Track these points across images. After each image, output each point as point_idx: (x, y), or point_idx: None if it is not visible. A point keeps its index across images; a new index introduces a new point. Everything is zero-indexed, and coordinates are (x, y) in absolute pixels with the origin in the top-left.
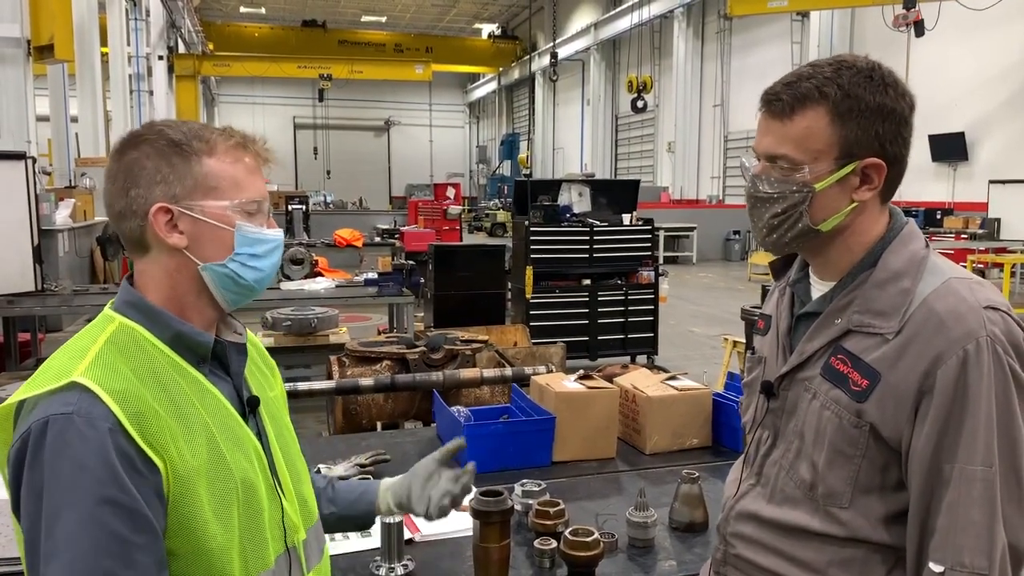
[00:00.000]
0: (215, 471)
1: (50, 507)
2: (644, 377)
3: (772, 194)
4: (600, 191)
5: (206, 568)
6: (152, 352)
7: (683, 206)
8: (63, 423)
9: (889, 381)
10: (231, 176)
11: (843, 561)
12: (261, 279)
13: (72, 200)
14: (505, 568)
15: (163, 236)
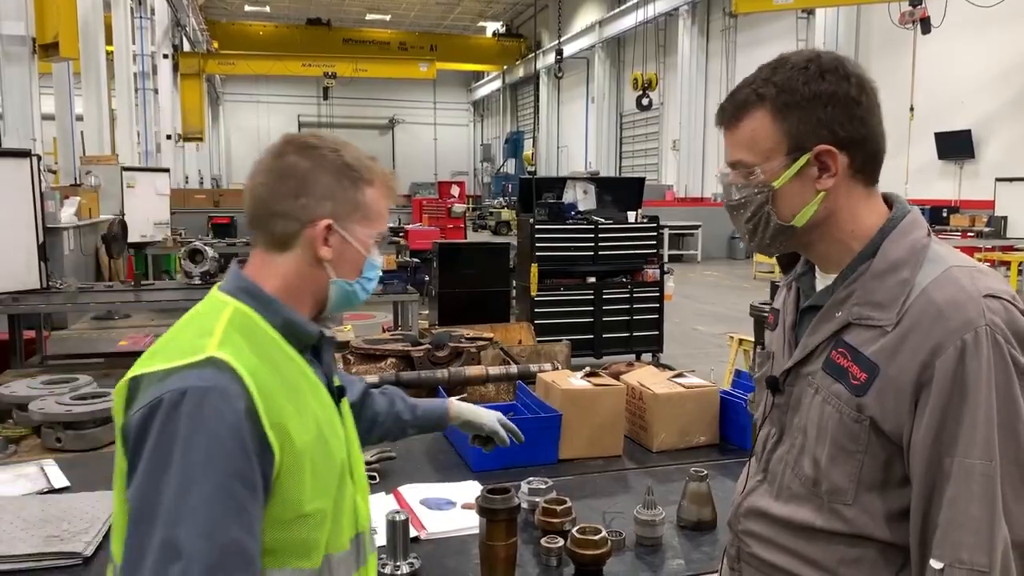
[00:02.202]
0: (319, 451)
1: (183, 475)
2: (651, 375)
3: (740, 200)
4: (605, 189)
5: (299, 541)
6: (264, 337)
7: (688, 204)
8: (200, 396)
9: (888, 374)
10: (380, 208)
11: (853, 560)
12: (365, 298)
13: (77, 198)
14: (512, 566)
15: (317, 247)
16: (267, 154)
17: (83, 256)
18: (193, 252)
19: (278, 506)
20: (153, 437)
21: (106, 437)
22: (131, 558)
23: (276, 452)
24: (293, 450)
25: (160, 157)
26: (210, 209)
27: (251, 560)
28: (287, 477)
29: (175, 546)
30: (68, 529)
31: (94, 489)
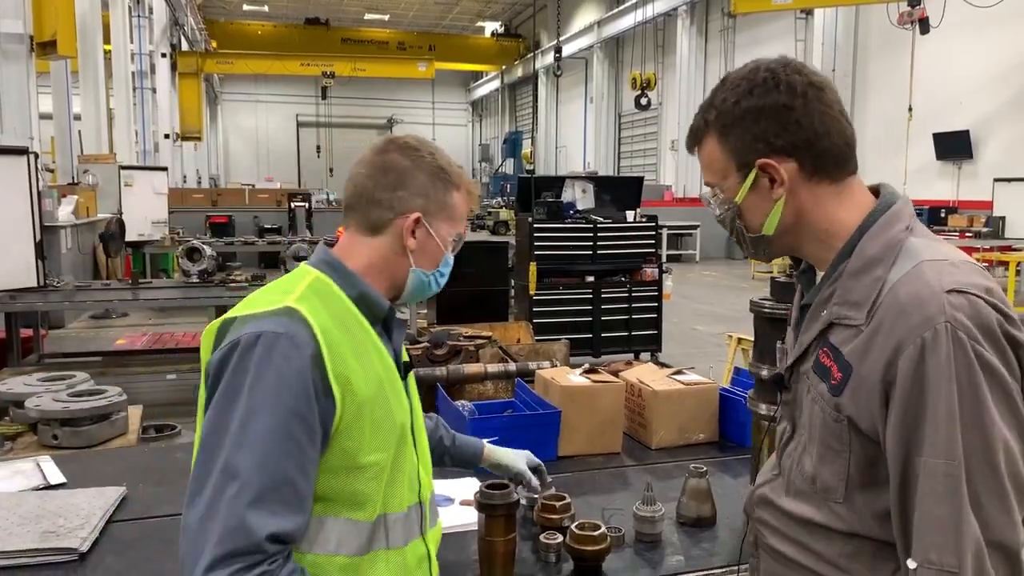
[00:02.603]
0: (379, 408)
1: (248, 407)
2: (650, 372)
3: (719, 216)
4: (604, 188)
5: (354, 492)
6: (339, 303)
7: (686, 204)
8: (273, 339)
9: (860, 373)
10: (463, 211)
11: (852, 554)
12: (436, 291)
13: (75, 197)
14: (510, 562)
15: (404, 235)
16: (370, 151)
17: (81, 255)
18: (191, 251)
19: (335, 455)
20: (228, 374)
21: (102, 434)
22: (198, 477)
23: (338, 401)
24: (354, 402)
25: (158, 156)
26: (208, 208)
27: (301, 498)
28: (346, 428)
29: (234, 468)
30: (64, 525)
31: (91, 485)
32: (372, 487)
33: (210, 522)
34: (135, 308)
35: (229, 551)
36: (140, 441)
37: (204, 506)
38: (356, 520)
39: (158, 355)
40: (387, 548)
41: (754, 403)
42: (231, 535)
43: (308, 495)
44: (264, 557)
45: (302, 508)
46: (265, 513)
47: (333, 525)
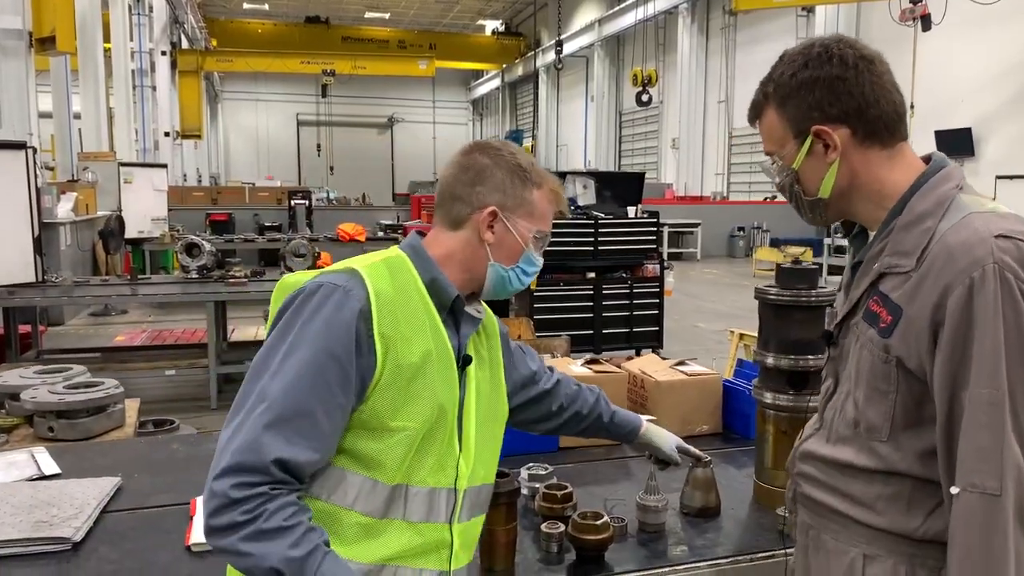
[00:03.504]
0: (420, 380)
1: (293, 343)
2: (652, 363)
3: (778, 183)
4: (605, 184)
5: (378, 451)
6: (410, 279)
7: (687, 202)
8: (331, 289)
9: (909, 315)
10: (544, 210)
11: (890, 496)
12: (518, 288)
13: (74, 194)
14: (511, 551)
15: (482, 228)
16: (458, 152)
17: (80, 252)
18: (190, 246)
19: (367, 413)
20: (288, 314)
21: (98, 427)
22: (238, 401)
23: (379, 359)
24: (395, 364)
25: (158, 154)
26: (208, 206)
27: (320, 435)
28: (383, 388)
29: (264, 393)
30: (57, 515)
31: (86, 476)
32: (396, 452)
33: (235, 438)
34: (134, 304)
35: (238, 463)
36: (137, 435)
37: (236, 424)
38: (375, 480)
39: (157, 351)
40: (404, 519)
41: (759, 391)
42: (244, 450)
43: (328, 436)
44: (267, 480)
45: (318, 446)
46: (279, 438)
47: (352, 479)
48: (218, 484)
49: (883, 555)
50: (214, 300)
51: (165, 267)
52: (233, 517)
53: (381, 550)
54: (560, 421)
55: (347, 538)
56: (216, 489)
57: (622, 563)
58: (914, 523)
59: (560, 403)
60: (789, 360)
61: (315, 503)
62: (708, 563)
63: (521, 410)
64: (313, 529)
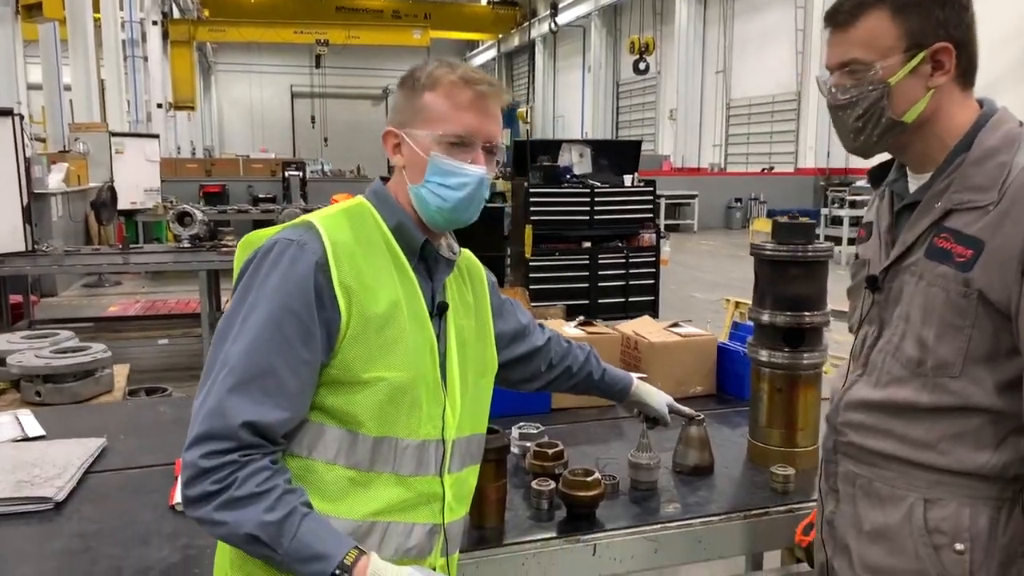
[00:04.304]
0: (391, 329)
1: (251, 304)
2: (647, 324)
3: (851, 99)
4: (601, 152)
5: (357, 404)
6: (374, 228)
7: (685, 174)
8: (285, 245)
9: (993, 247)
10: (442, 110)
11: (955, 435)
12: (445, 208)
13: (65, 164)
14: (501, 508)
15: (390, 155)
16: None
17: (72, 223)
18: (181, 215)
19: (338, 367)
20: (247, 275)
21: (86, 391)
22: (206, 369)
23: (343, 311)
24: (361, 315)
25: (151, 126)
26: (202, 178)
27: (286, 393)
28: (352, 340)
29: (228, 357)
30: (39, 475)
31: (70, 438)
32: (371, 405)
33: (203, 406)
34: (126, 273)
35: (206, 431)
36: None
37: (204, 392)
38: (356, 432)
39: (151, 321)
40: (393, 472)
41: (753, 349)
42: (211, 416)
43: (295, 393)
44: (237, 445)
45: (286, 404)
46: (244, 400)
47: (332, 433)
48: (189, 455)
49: (945, 498)
50: (206, 269)
51: (158, 238)
52: (205, 487)
53: (370, 504)
54: (550, 378)
55: (332, 494)
56: (188, 459)
57: (613, 519)
58: (980, 459)
59: (550, 360)
60: (785, 317)
61: (295, 460)
62: (700, 520)
63: (511, 366)
64: (290, 491)
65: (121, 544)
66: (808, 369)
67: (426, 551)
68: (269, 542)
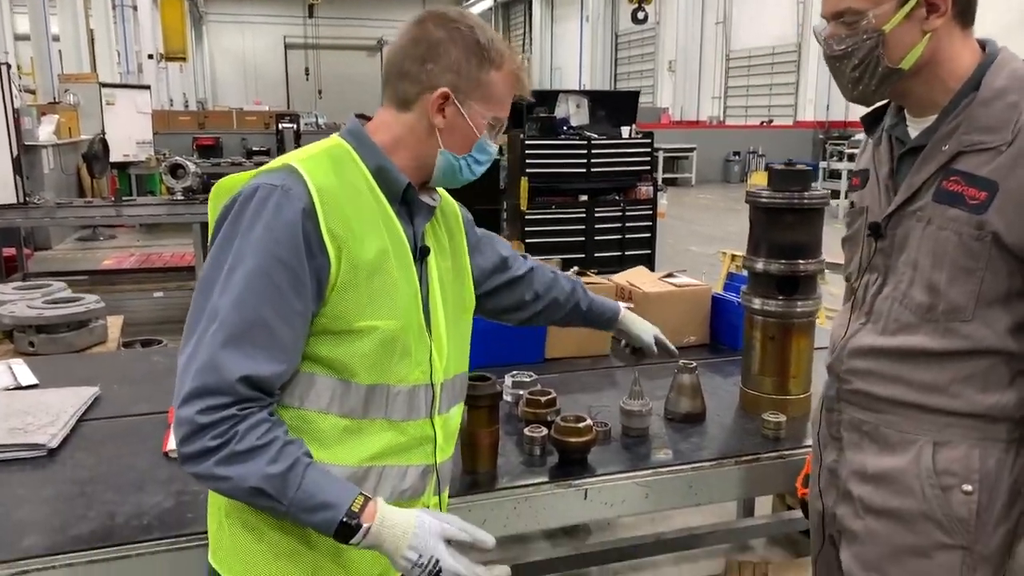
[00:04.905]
0: (379, 277)
1: (237, 254)
2: (641, 274)
3: (846, 49)
4: (599, 103)
5: (349, 354)
6: (356, 171)
7: (683, 127)
8: (268, 191)
9: (1008, 188)
10: (502, 94)
11: (965, 378)
12: (469, 179)
13: (55, 116)
14: (494, 453)
15: (431, 112)
16: (410, 21)
17: (64, 175)
18: (174, 167)
19: (329, 316)
20: (226, 224)
21: (80, 342)
22: (189, 322)
23: (332, 259)
24: (351, 263)
25: (142, 77)
26: (195, 131)
27: (280, 345)
28: (342, 289)
29: (215, 310)
30: (32, 422)
31: (64, 387)
32: (365, 354)
33: (192, 361)
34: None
35: (201, 385)
36: None
37: (192, 347)
38: (348, 381)
39: (145, 274)
40: (385, 418)
41: (747, 298)
42: (204, 371)
43: (289, 344)
44: (235, 399)
45: (280, 356)
46: (238, 354)
47: (324, 383)
48: (184, 411)
49: (955, 440)
50: (200, 222)
51: (152, 191)
52: (204, 443)
53: (364, 450)
54: (537, 309)
55: (327, 441)
56: (183, 416)
57: (605, 465)
58: (990, 400)
59: (535, 291)
60: (780, 265)
61: (288, 411)
62: (691, 466)
63: (492, 296)
64: (291, 442)
65: (115, 490)
66: (801, 317)
67: (420, 491)
68: (275, 494)
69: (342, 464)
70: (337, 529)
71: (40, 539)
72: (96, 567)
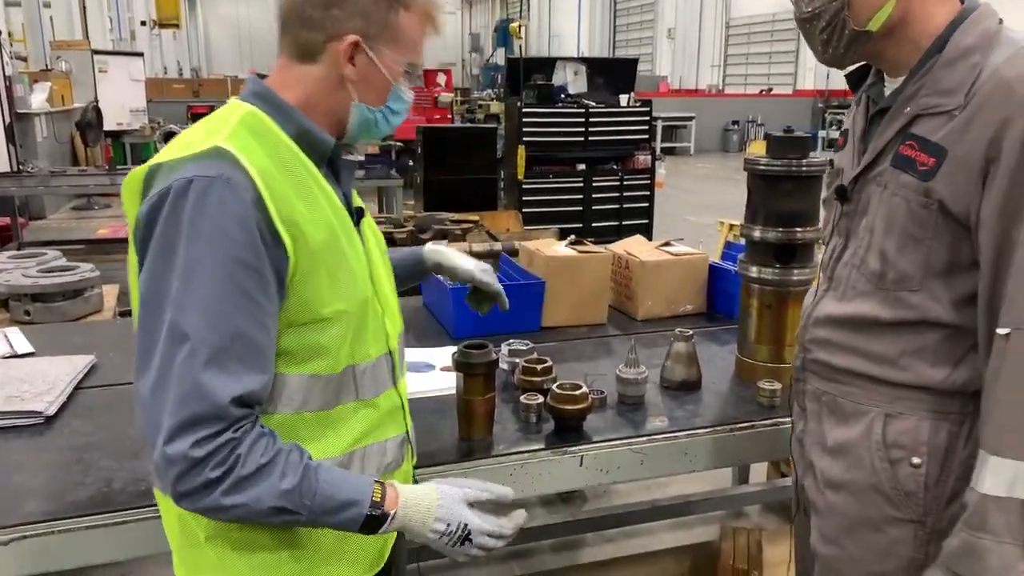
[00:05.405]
0: (334, 255)
1: (188, 262)
2: (638, 244)
3: (813, 11)
4: (597, 70)
5: (317, 345)
6: (278, 141)
7: (682, 95)
8: (207, 184)
9: (956, 155)
10: (414, 36)
11: (916, 350)
12: (386, 131)
13: (47, 84)
14: (490, 421)
15: (341, 62)
16: None
17: (58, 144)
18: (168, 135)
19: (294, 308)
20: (160, 226)
21: (76, 310)
22: (143, 345)
23: (289, 249)
24: (307, 249)
25: (135, 44)
26: (189, 99)
27: (261, 354)
28: (303, 278)
29: (181, 330)
30: (29, 390)
31: (59, 355)
32: (337, 339)
33: (163, 391)
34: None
35: (189, 417)
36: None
37: (155, 374)
38: (320, 374)
39: None
40: (357, 399)
41: (744, 266)
42: (187, 401)
43: (269, 350)
44: (228, 423)
45: (264, 366)
46: (224, 375)
47: (297, 382)
48: (174, 447)
49: (906, 412)
50: None
51: (146, 160)
52: (206, 476)
53: (345, 437)
54: None
55: (307, 439)
56: (174, 454)
57: (600, 432)
58: (940, 374)
59: None
60: (777, 233)
61: (267, 419)
62: (686, 433)
63: None
64: (292, 450)
65: (112, 457)
66: (798, 286)
67: (400, 462)
68: (294, 508)
69: (329, 456)
70: (364, 523)
71: (39, 505)
72: (94, 532)
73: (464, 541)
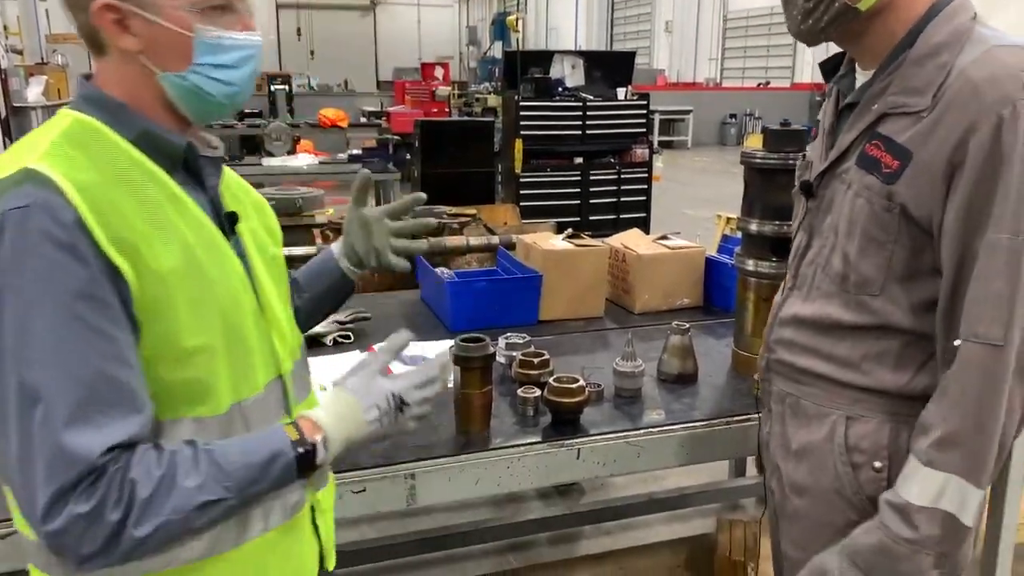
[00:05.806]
0: (192, 277)
1: (19, 307)
2: (635, 237)
3: None
4: (594, 64)
5: (190, 383)
6: (115, 150)
7: (680, 89)
8: (21, 217)
9: (921, 159)
10: None
11: (877, 354)
12: (233, 93)
13: (44, 77)
14: (487, 414)
15: (112, 37)
16: None
17: None
18: None
19: (152, 342)
20: None
21: None
22: None
23: (127, 275)
24: (153, 275)
25: None
26: None
27: (129, 392)
28: (152, 308)
29: (31, 389)
30: None
31: None
32: (209, 375)
33: (29, 463)
34: None
35: (59, 488)
36: None
37: (15, 446)
38: (202, 418)
39: None
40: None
41: (741, 259)
42: (54, 470)
43: (137, 385)
44: (102, 473)
45: (135, 403)
46: (89, 429)
47: (175, 429)
48: (56, 522)
49: (867, 415)
50: None
51: None
52: (106, 522)
53: None
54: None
55: None
56: (60, 527)
57: (597, 425)
58: (901, 379)
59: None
60: (773, 226)
61: None
62: (683, 426)
63: None
64: (181, 448)
65: None
66: None
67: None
68: (217, 496)
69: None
70: (298, 466)
71: None
72: None
73: (401, 408)
